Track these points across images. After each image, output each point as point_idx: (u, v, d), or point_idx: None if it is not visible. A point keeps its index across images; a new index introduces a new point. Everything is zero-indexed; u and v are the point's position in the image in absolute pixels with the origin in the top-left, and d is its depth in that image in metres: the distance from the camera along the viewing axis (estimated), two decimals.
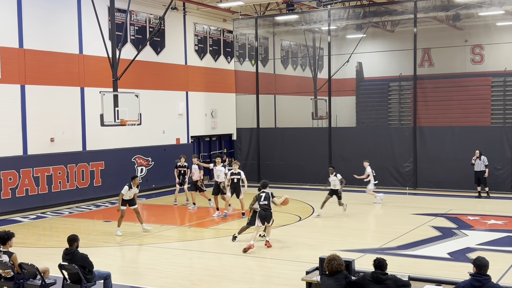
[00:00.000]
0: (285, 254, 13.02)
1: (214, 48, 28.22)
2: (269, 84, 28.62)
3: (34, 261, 10.20)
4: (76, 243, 9.57)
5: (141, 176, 23.30)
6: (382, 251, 12.91)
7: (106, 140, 21.91)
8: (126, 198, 15.48)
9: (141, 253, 13.71)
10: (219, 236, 15.40)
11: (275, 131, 27.30)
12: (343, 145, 24.48)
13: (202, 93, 27.27)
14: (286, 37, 31.11)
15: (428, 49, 30.01)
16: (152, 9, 24.09)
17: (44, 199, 19.57)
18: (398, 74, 29.77)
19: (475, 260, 7.17)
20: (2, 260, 9.39)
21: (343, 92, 29.89)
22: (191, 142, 26.73)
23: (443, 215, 17.46)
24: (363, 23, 27.48)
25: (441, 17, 26.48)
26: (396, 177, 23.42)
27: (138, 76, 22.78)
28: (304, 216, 17.81)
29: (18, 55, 18.99)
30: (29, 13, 19.27)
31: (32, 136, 19.43)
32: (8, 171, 18.52)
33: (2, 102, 18.51)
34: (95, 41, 20.66)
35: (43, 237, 16.01)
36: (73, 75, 20.89)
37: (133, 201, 15.63)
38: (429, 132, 23.07)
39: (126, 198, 15.48)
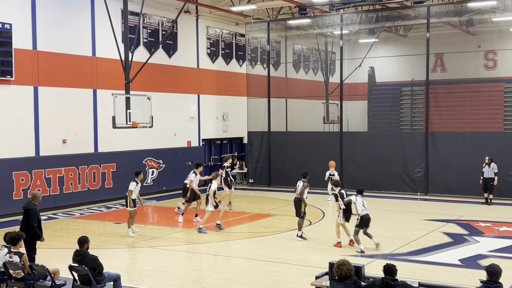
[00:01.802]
0: (295, 259, 12.99)
1: (226, 52, 28.27)
2: (281, 87, 28.62)
3: (45, 262, 10.26)
4: (87, 244, 9.61)
5: (152, 179, 23.37)
6: (392, 256, 12.86)
7: (118, 142, 22.00)
8: (134, 197, 15.51)
9: (151, 255, 13.74)
10: (228, 239, 15.39)
11: (286, 135, 27.28)
12: (354, 150, 24.41)
13: (213, 96, 27.32)
14: (298, 41, 31.10)
15: (441, 54, 29.88)
16: (165, 12, 24.18)
17: (55, 200, 19.68)
18: (411, 79, 29.66)
19: (488, 267, 7.12)
20: (13, 261, 9.46)
21: (355, 96, 29.80)
22: (202, 145, 26.78)
23: (454, 221, 17.35)
24: (375, 27, 27.41)
25: (454, 22, 26.35)
26: (407, 183, 23.30)
27: (150, 78, 22.86)
28: (314, 221, 17.76)
29: (31, 56, 19.13)
30: (43, 15, 19.42)
31: (45, 137, 19.55)
32: (20, 172, 18.65)
33: (16, 103, 18.65)
34: (108, 44, 20.77)
35: (53, 238, 16.07)
36: (86, 77, 21.01)
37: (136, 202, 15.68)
38: (441, 138, 22.94)
39: (134, 197, 15.52)
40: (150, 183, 23.30)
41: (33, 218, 11.31)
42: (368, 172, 23.78)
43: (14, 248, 9.65)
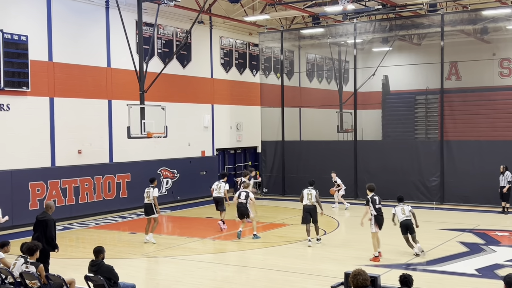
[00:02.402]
0: (310, 268, 12.94)
1: (240, 61, 28.36)
2: (294, 97, 28.63)
3: (61, 272, 10.30)
4: (102, 254, 9.66)
5: (166, 188, 23.43)
6: (408, 266, 12.77)
7: (133, 152, 22.11)
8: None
9: (165, 265, 13.76)
10: (243, 249, 15.38)
11: (300, 144, 27.25)
12: (368, 159, 24.33)
13: (227, 106, 27.40)
14: (311, 50, 31.13)
15: (455, 63, 29.73)
16: (179, 23, 24.34)
17: (71, 211, 19.79)
18: (425, 87, 29.52)
19: (506, 277, 7.05)
20: (29, 271, 9.52)
21: (369, 105, 29.75)
22: (216, 155, 26.82)
23: (470, 230, 17.20)
24: (389, 36, 27.38)
25: (468, 30, 26.24)
26: (422, 192, 23.16)
27: (164, 89, 22.99)
28: (329, 230, 17.69)
29: (47, 68, 19.33)
30: (58, 27, 19.62)
31: (60, 147, 19.70)
32: (36, 182, 18.78)
33: (32, 114, 18.82)
34: (122, 55, 20.93)
35: (69, 248, 16.14)
36: (101, 88, 21.17)
37: None
38: (457, 146, 22.80)
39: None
40: (164, 193, 23.36)
41: (51, 229, 11.42)
42: (383, 181, 23.56)
43: (30, 258, 9.72)
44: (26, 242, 10.09)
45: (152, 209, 15.97)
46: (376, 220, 13.74)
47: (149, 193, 16.05)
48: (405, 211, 14.30)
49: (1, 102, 17.92)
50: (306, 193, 15.68)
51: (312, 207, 15.52)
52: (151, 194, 15.98)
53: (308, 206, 15.54)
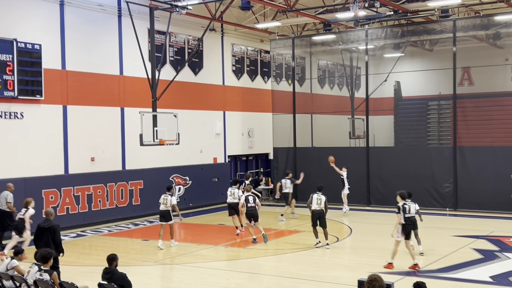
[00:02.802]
0: (323, 276, 12.89)
1: (251, 68, 28.42)
2: (306, 103, 28.62)
3: (74, 279, 10.34)
4: (115, 262, 9.69)
5: (178, 195, 23.48)
6: (422, 273, 12.69)
7: (145, 160, 22.20)
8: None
9: (178, 272, 13.77)
10: (256, 256, 15.36)
11: (312, 150, 27.22)
12: (381, 165, 24.23)
13: (239, 112, 27.45)
14: (323, 56, 31.13)
15: (467, 68, 29.58)
16: (191, 31, 24.45)
17: (84, 218, 19.89)
18: (437, 93, 29.39)
19: None
20: (43, 279, 9.56)
21: (381, 111, 29.64)
22: (228, 162, 26.86)
23: (484, 237, 17.06)
24: (401, 42, 27.32)
25: (480, 35, 26.12)
26: (435, 198, 23.02)
27: (176, 96, 23.08)
28: (341, 237, 17.63)
29: (60, 76, 19.49)
30: (71, 35, 19.78)
31: (73, 155, 19.83)
32: (50, 189, 18.91)
33: (45, 122, 18.98)
34: (135, 63, 21.06)
35: (82, 256, 16.23)
36: (113, 95, 21.30)
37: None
38: (470, 152, 22.66)
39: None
40: (177, 199, 23.38)
41: (58, 234, 11.83)
42: (396, 188, 23.22)
43: (44, 266, 9.76)
44: (40, 250, 10.15)
45: (170, 215, 16.33)
46: (403, 228, 13.37)
47: (166, 200, 16.40)
48: (411, 209, 14.20)
49: (15, 111, 18.08)
50: (315, 198, 15.96)
51: (321, 212, 15.79)
52: (169, 201, 16.35)
53: (317, 211, 15.85)
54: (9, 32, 17.80)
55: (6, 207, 16.27)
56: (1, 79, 17.39)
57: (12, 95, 17.67)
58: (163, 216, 16.40)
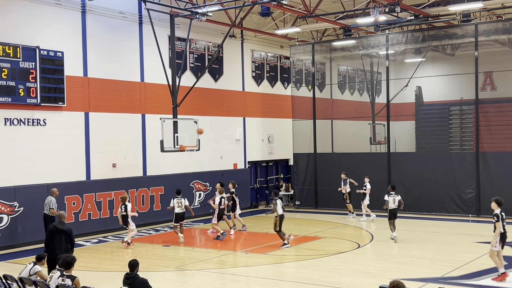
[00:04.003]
0: (344, 282, 12.80)
1: (271, 74, 28.44)
2: (326, 109, 28.54)
3: (96, 285, 10.41)
4: (137, 267, 9.72)
5: (199, 201, 23.54)
6: (444, 280, 12.54)
7: (166, 166, 22.30)
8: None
9: (199, 278, 13.78)
10: (276, 262, 15.32)
11: (332, 156, 27.12)
12: (402, 171, 24.05)
13: (259, 118, 27.46)
14: (343, 62, 31.04)
15: (490, 73, 29.25)
16: (211, 37, 24.56)
17: (105, 224, 20.03)
18: (459, 98, 29.10)
19: None
20: (65, 284, 9.63)
21: (402, 116, 29.45)
22: (248, 168, 26.87)
23: (508, 243, 16.75)
24: (422, 47, 27.13)
25: (503, 40, 25.81)
26: (458, 204, 22.77)
27: (197, 102, 23.18)
28: (362, 244, 17.51)
29: (82, 83, 19.69)
30: (93, 43, 19.99)
31: (95, 161, 20.00)
32: (72, 196, 19.08)
33: (67, 129, 19.17)
34: (155, 69, 21.21)
35: (104, 261, 16.34)
36: (134, 102, 21.46)
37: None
38: (493, 158, 22.38)
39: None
40: (197, 205, 23.47)
41: (73, 237, 12.25)
42: (418, 194, 23.35)
43: (66, 271, 9.84)
44: (63, 255, 10.22)
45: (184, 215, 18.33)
46: (502, 237, 12.81)
47: (181, 203, 18.29)
48: (396, 201, 17.36)
49: (38, 117, 18.30)
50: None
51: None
52: (184, 203, 18.32)
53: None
54: (32, 40, 18.05)
55: (50, 212, 16.54)
56: (24, 87, 17.63)
57: (35, 102, 17.90)
58: (181, 217, 18.21)
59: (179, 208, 18.12)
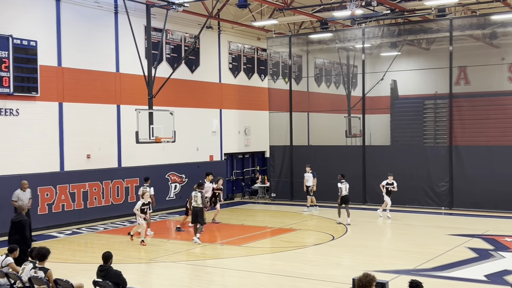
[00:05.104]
0: (318, 274, 12.90)
1: (248, 66, 28.40)
2: (303, 101, 28.61)
3: (69, 277, 10.33)
4: (111, 259, 9.68)
5: (174, 193, 23.47)
6: (417, 272, 12.71)
7: (141, 157, 22.17)
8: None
9: (174, 270, 13.76)
10: (251, 254, 15.36)
11: (308, 149, 27.23)
12: (377, 164, 24.24)
13: (235, 110, 27.43)
14: (319, 55, 31.13)
15: (464, 67, 29.63)
16: (188, 28, 24.42)
17: (79, 215, 19.87)
18: (434, 92, 29.44)
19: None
20: (37, 276, 9.55)
21: (377, 110, 29.68)
22: (224, 159, 26.85)
23: (479, 236, 17.11)
24: (397, 41, 27.34)
25: (477, 35, 26.16)
26: (431, 197, 23.06)
27: (173, 94, 23.05)
28: (337, 236, 17.65)
29: (56, 73, 19.44)
30: (67, 32, 19.73)
31: (69, 152, 19.79)
32: (45, 187, 18.87)
33: (41, 119, 18.93)
34: (131, 60, 21.02)
35: (78, 253, 16.22)
36: (109, 93, 21.26)
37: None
38: (466, 152, 22.70)
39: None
40: (172, 197, 23.40)
41: (27, 229, 12.16)
42: None
43: (39, 263, 9.74)
44: (36, 247, 10.13)
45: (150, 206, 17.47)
46: None
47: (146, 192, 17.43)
48: (347, 188, 19.52)
49: (11, 107, 18.02)
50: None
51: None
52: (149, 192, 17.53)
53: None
54: (5, 28, 17.74)
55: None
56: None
57: (7, 91, 17.62)
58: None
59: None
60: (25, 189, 16.79)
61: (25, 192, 16.81)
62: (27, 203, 16.45)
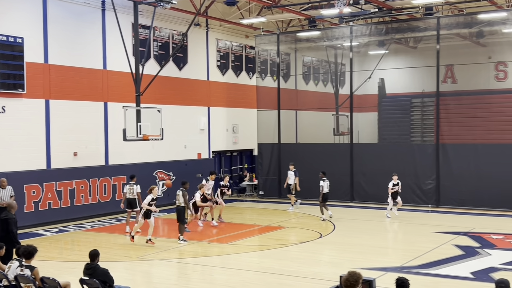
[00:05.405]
0: (305, 271, 12.93)
1: (236, 64, 28.37)
2: (291, 99, 28.65)
3: (56, 275, 10.27)
4: (98, 257, 9.64)
5: (162, 191, 23.39)
6: (404, 269, 12.78)
7: (128, 155, 22.08)
8: None
9: (161, 268, 13.73)
10: (239, 252, 15.37)
11: (296, 146, 27.26)
12: (364, 162, 24.33)
13: (223, 108, 27.39)
14: (308, 53, 31.16)
15: (451, 66, 29.81)
16: (176, 26, 24.33)
17: (66, 213, 19.75)
18: (421, 90, 29.58)
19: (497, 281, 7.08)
20: (24, 274, 9.48)
21: (365, 108, 29.79)
22: (212, 157, 26.82)
23: (466, 233, 17.23)
24: (385, 39, 27.44)
25: (464, 33, 26.31)
26: (418, 195, 23.17)
27: (160, 91, 22.97)
28: (325, 233, 17.70)
29: (43, 70, 19.30)
30: (54, 29, 19.59)
31: (56, 150, 19.67)
32: (32, 184, 18.75)
33: (27, 116, 18.78)
34: (118, 57, 20.92)
35: (65, 251, 16.14)
36: (96, 90, 21.15)
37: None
38: (452, 149, 22.83)
39: None
40: (160, 195, 23.30)
41: (12, 227, 12.00)
42: (379, 184, 23.63)
43: (26, 261, 9.68)
44: (23, 245, 10.06)
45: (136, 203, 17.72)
46: None
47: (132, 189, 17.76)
48: (328, 186, 19.87)
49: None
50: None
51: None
52: (136, 190, 17.78)
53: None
54: None
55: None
56: None
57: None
58: (130, 203, 17.74)
59: (130, 194, 17.71)
60: (4, 186, 16.44)
61: (5, 190, 16.52)
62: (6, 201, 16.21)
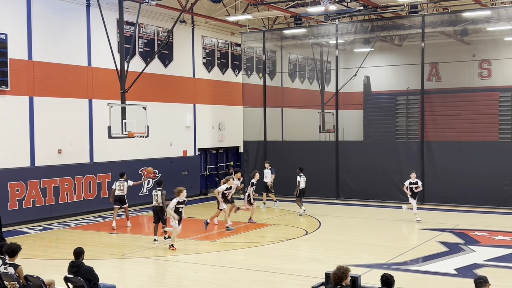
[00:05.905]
0: (291, 268, 12.95)
1: (222, 61, 28.32)
2: (277, 97, 28.66)
3: (40, 273, 10.18)
4: (82, 255, 9.58)
5: (147, 188, 23.30)
6: (389, 266, 12.84)
7: (113, 152, 21.97)
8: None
9: (146, 266, 13.69)
10: (224, 249, 15.36)
11: (282, 144, 27.29)
12: (350, 159, 24.42)
13: (209, 105, 27.34)
14: (293, 50, 31.19)
15: (435, 64, 29.99)
16: (161, 22, 24.23)
17: (50, 211, 19.61)
18: (406, 88, 29.73)
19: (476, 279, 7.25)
20: (8, 272, 9.40)
21: (350, 105, 29.89)
22: (198, 155, 26.76)
23: (450, 230, 17.36)
24: (371, 37, 27.54)
25: (449, 31, 26.49)
26: (403, 192, 23.21)
27: (146, 88, 22.87)
28: (310, 230, 17.74)
29: (27, 67, 19.12)
30: (38, 25, 19.42)
31: (40, 147, 19.51)
32: (16, 182, 18.58)
33: (11, 113, 18.61)
34: (103, 54, 20.79)
35: (49, 249, 16.02)
36: (81, 87, 21.00)
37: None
38: (437, 147, 22.98)
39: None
40: (145, 193, 23.23)
41: None
42: (364, 181, 23.80)
43: (9, 259, 9.59)
44: (7, 243, 9.97)
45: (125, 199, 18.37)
46: None
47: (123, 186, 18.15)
48: (305, 181, 20.33)
49: None
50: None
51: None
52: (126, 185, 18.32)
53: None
54: None
55: None
56: None
57: None
58: (119, 200, 18.09)
59: (119, 191, 18.06)
60: None
61: None
62: None
